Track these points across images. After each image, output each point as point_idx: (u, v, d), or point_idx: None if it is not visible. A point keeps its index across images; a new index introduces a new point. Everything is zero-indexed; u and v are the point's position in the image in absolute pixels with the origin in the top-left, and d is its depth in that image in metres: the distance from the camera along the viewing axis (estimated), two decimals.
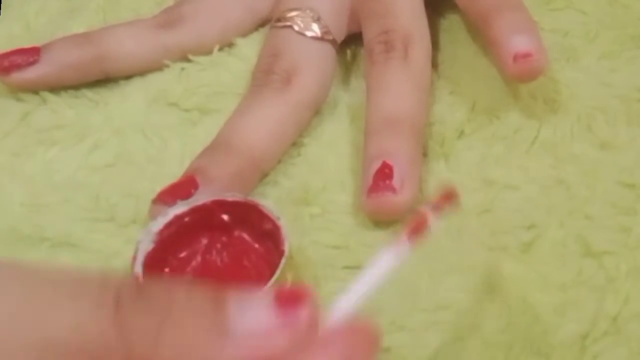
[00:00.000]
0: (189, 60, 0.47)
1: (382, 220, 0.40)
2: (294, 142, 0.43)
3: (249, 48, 0.47)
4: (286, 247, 0.36)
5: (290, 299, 0.26)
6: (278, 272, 0.35)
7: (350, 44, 0.47)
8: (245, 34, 0.48)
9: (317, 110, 0.45)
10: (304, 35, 0.45)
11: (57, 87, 0.46)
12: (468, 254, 0.38)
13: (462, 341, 0.35)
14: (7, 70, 0.45)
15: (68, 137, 0.44)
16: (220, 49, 0.48)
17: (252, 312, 0.26)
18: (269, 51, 0.45)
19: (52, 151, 0.44)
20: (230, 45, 0.48)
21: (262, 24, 0.49)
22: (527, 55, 0.41)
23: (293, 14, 0.45)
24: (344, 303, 0.28)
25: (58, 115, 0.45)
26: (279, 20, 0.45)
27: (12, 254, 0.40)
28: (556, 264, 0.37)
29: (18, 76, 0.45)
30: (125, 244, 0.40)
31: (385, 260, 0.30)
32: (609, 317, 0.35)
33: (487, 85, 0.44)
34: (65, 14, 0.51)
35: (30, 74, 0.45)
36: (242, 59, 0.47)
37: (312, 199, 0.41)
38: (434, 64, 0.46)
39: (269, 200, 0.40)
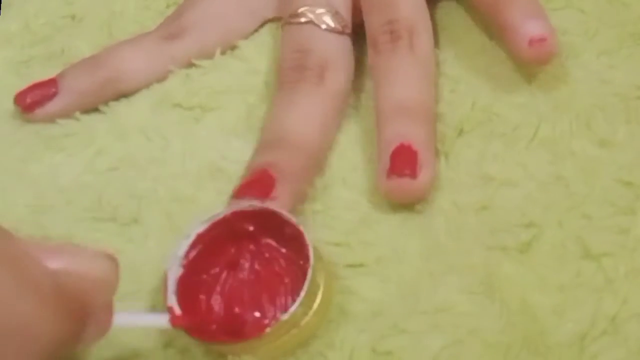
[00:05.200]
0: (192, 65, 0.47)
1: (398, 203, 0.40)
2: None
3: (251, 49, 0.48)
4: (311, 254, 0.36)
5: None
6: (307, 281, 0.36)
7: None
8: (247, 37, 0.49)
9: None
10: (326, 30, 0.45)
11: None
12: (467, 253, 0.38)
13: (462, 344, 0.35)
14: (31, 107, 0.45)
15: (75, 144, 0.45)
16: (223, 52, 0.48)
17: None
18: (293, 47, 0.45)
19: (59, 156, 0.44)
20: (233, 47, 0.48)
21: (262, 24, 0.49)
22: (542, 39, 0.41)
23: (312, 9, 0.45)
24: None
25: (66, 125, 0.46)
26: (296, 16, 0.45)
27: None
28: (555, 265, 0.37)
29: (40, 112, 0.45)
30: (127, 243, 0.40)
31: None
32: (608, 317, 0.35)
33: (487, 83, 0.45)
34: (67, 19, 0.51)
35: (51, 107, 0.45)
36: (244, 60, 0.47)
37: (314, 196, 0.41)
38: (436, 62, 0.46)
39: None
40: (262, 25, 0.49)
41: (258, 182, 0.40)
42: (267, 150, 0.42)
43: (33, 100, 0.45)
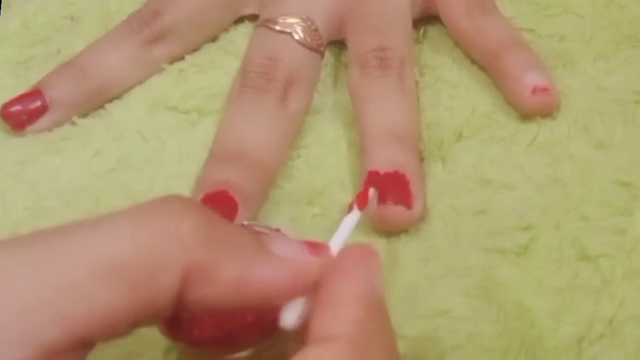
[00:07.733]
0: (185, 60, 0.48)
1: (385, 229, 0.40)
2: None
3: (246, 45, 0.47)
4: None
5: (313, 243, 0.30)
6: None
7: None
8: (227, 31, 0.49)
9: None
10: (302, 45, 0.45)
11: None
12: (465, 256, 0.38)
13: (461, 348, 0.35)
14: (21, 125, 0.45)
15: (72, 147, 0.45)
16: (219, 48, 0.48)
17: (284, 243, 0.29)
18: (265, 52, 0.44)
19: (57, 159, 0.44)
20: (230, 42, 0.48)
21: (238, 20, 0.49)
22: (545, 89, 0.42)
23: (292, 20, 0.45)
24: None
25: (63, 129, 0.46)
26: (274, 22, 0.45)
27: None
28: (552, 267, 0.37)
29: (31, 128, 0.45)
30: None
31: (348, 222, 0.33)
32: (605, 320, 0.35)
33: (487, 90, 0.45)
34: (67, 20, 0.51)
35: (42, 123, 0.45)
36: (239, 57, 0.47)
37: (312, 199, 0.42)
38: (433, 66, 0.46)
39: (269, 202, 0.41)
40: (238, 21, 0.49)
41: (218, 203, 0.39)
42: (224, 164, 0.41)
43: (23, 119, 0.45)
